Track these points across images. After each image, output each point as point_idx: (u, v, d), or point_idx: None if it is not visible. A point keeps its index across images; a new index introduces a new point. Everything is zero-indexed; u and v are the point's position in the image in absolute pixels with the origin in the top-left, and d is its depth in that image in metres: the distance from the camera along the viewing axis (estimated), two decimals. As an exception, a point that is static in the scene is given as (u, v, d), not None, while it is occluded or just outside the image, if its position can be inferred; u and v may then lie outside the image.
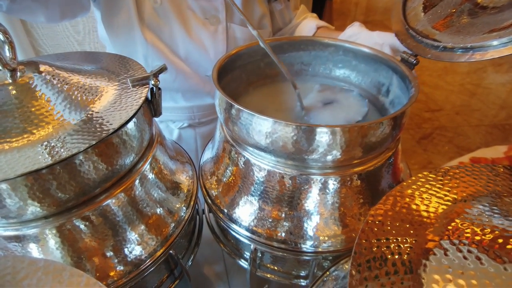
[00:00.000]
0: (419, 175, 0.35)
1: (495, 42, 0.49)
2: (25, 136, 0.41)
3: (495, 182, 0.33)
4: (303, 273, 0.59)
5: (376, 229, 0.28)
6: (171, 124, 0.99)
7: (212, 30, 0.85)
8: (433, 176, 0.34)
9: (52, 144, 0.40)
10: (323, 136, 0.44)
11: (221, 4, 0.84)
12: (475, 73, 3.48)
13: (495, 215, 0.29)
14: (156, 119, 0.59)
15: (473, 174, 0.35)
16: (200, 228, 0.70)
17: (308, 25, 1.00)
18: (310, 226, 0.52)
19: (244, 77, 0.68)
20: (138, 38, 0.81)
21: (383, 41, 0.72)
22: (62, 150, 0.40)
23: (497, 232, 0.26)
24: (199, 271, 0.87)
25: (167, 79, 0.87)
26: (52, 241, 0.45)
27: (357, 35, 0.82)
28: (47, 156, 0.39)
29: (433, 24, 0.60)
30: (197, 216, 0.70)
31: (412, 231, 0.28)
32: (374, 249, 0.26)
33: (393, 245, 0.26)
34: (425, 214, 0.29)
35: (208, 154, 0.68)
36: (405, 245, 0.26)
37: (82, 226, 0.47)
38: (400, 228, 0.28)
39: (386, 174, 0.56)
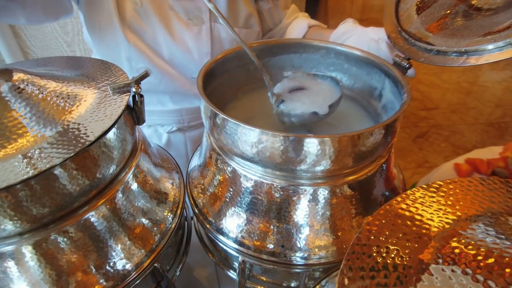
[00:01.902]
0: (409, 192, 0.33)
1: (490, 46, 0.47)
2: (-4, 150, 0.38)
3: (490, 198, 0.31)
4: (293, 284, 0.57)
5: (357, 259, 0.26)
6: (159, 128, 0.97)
7: (195, 31, 0.82)
8: (425, 192, 0.32)
9: (25, 159, 0.38)
10: (311, 147, 0.42)
11: (204, 4, 0.81)
12: (471, 71, 3.48)
13: (492, 237, 0.27)
14: (144, 123, 0.56)
15: (466, 190, 0.33)
16: (189, 236, 0.68)
17: (299, 24, 0.97)
18: (300, 237, 0.50)
19: (232, 81, 0.66)
20: (121, 40, 0.79)
21: (378, 37, 0.70)
22: (36, 164, 0.37)
23: (495, 253, 0.25)
24: (189, 277, 0.85)
25: (152, 82, 0.85)
26: (30, 258, 0.43)
27: (350, 31, 0.79)
28: (19, 171, 0.37)
29: (426, 26, 0.58)
30: (186, 224, 0.67)
31: (399, 259, 0.26)
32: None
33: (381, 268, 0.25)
34: (418, 231, 0.27)
35: (195, 161, 0.65)
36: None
37: (61, 242, 0.45)
38: (388, 254, 0.26)
39: (379, 182, 0.54)
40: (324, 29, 0.96)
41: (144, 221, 0.54)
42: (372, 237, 0.28)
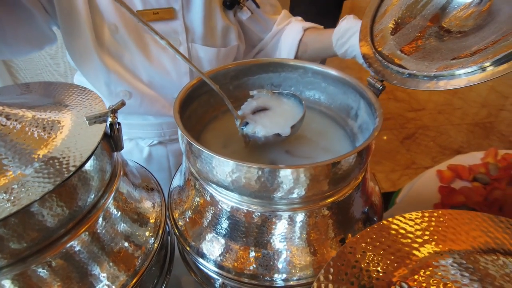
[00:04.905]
0: (390, 219, 0.34)
1: (459, 71, 0.49)
2: (-32, 189, 0.38)
3: (469, 235, 0.32)
4: (275, 304, 0.58)
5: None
6: (140, 142, 0.96)
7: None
8: (404, 221, 0.33)
9: (2, 195, 0.38)
10: (286, 177, 0.43)
11: (180, 25, 0.82)
12: (456, 71, 3.51)
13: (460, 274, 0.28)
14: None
15: (444, 222, 0.34)
16: (172, 254, 0.68)
17: (293, 29, 0.93)
18: (280, 260, 0.51)
19: (212, 102, 0.67)
20: (99, 66, 0.80)
21: None
22: (12, 201, 0.38)
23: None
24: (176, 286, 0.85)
25: (133, 105, 0.85)
26: (8, 291, 0.43)
27: (354, 28, 0.79)
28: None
29: (400, 47, 0.59)
30: (168, 240, 0.68)
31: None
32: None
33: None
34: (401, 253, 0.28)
35: (177, 180, 0.66)
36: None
37: (42, 273, 0.45)
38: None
39: (357, 201, 0.55)
40: (321, 29, 0.93)
41: (126, 245, 0.54)
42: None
